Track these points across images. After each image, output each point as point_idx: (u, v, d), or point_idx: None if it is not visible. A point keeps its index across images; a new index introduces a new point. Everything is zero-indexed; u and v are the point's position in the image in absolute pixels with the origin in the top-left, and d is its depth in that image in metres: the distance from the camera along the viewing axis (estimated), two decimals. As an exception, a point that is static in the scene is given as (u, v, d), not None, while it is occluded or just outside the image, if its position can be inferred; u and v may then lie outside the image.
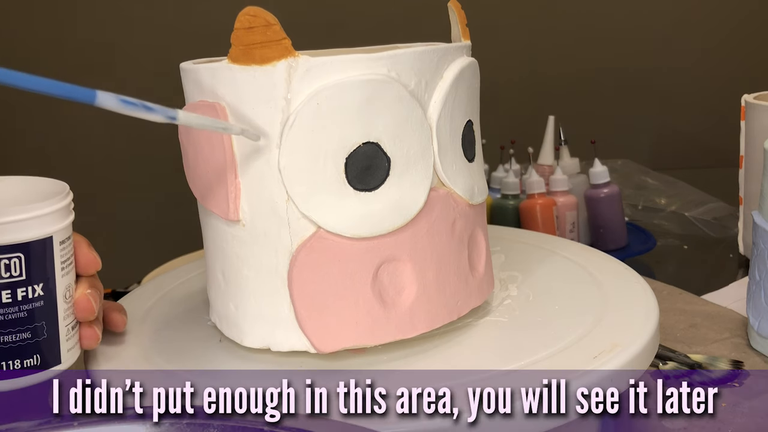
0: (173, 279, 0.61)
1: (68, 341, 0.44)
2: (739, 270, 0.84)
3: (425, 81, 0.44)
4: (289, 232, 0.43)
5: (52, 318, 0.43)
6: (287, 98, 0.41)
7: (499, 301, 0.52)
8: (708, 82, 1.33)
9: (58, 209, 0.43)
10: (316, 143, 0.42)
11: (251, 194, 0.43)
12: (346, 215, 0.42)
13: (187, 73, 0.46)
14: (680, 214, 1.04)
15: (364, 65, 0.41)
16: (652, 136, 1.36)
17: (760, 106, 0.76)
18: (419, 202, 0.44)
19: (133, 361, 0.47)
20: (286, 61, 0.41)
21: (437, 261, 0.45)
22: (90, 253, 0.46)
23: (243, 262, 0.45)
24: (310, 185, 0.42)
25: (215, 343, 0.49)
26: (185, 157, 0.47)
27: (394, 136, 0.43)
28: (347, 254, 0.43)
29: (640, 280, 0.52)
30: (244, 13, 0.41)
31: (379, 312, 0.44)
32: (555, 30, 1.32)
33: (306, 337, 0.44)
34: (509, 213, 0.88)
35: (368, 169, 0.43)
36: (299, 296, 0.43)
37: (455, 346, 0.46)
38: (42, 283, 0.43)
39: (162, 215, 1.29)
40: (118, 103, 0.35)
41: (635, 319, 0.47)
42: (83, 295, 0.45)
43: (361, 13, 1.24)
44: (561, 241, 0.63)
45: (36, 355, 0.43)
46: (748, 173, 0.79)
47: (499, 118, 0.63)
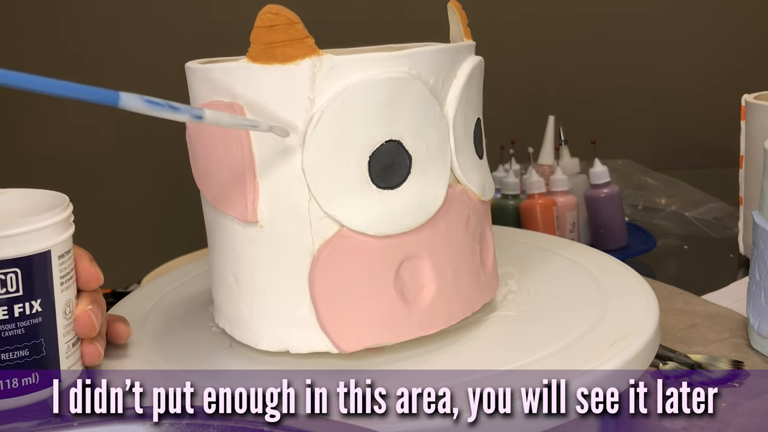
0: (173, 279, 0.61)
1: (69, 358, 0.43)
2: (739, 270, 0.84)
3: (442, 79, 0.44)
4: (310, 232, 0.42)
5: (52, 335, 0.42)
6: (310, 97, 0.41)
7: (502, 296, 0.52)
8: (708, 82, 1.33)
9: (56, 222, 0.42)
10: (341, 142, 0.41)
11: (271, 195, 0.43)
12: (369, 213, 0.42)
13: (196, 73, 0.45)
14: (680, 214, 1.04)
15: (387, 63, 0.42)
16: (652, 136, 1.36)
17: (760, 106, 0.76)
18: (439, 199, 0.44)
19: (134, 363, 0.46)
20: (310, 59, 0.41)
21: (454, 257, 0.46)
22: (92, 268, 0.45)
23: (259, 264, 0.44)
24: (334, 184, 0.42)
25: (224, 348, 0.48)
26: (195, 159, 0.47)
27: (415, 133, 0.43)
28: (370, 253, 0.43)
29: (640, 280, 0.52)
30: (265, 12, 0.40)
31: (401, 309, 0.44)
32: (555, 30, 1.32)
33: (327, 337, 0.43)
34: (509, 213, 0.88)
35: (391, 167, 0.43)
36: (321, 296, 0.43)
37: (472, 340, 0.46)
38: (40, 298, 0.41)
39: (162, 215, 1.29)
40: (142, 103, 0.35)
41: (635, 319, 0.47)
42: (84, 312, 0.43)
43: (352, 13, 1.24)
44: (561, 241, 0.63)
45: (34, 374, 0.42)
46: (748, 173, 0.79)
47: (499, 118, 0.63)
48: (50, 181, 0.54)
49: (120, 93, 0.34)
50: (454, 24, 0.49)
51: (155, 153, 1.20)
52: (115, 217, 1.30)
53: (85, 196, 1.26)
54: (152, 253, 0.90)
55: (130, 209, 1.30)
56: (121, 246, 1.27)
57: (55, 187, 0.47)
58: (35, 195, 0.46)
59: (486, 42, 0.49)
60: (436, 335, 0.46)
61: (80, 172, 1.27)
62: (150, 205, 1.30)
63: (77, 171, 1.26)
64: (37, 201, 0.45)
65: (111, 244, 1.25)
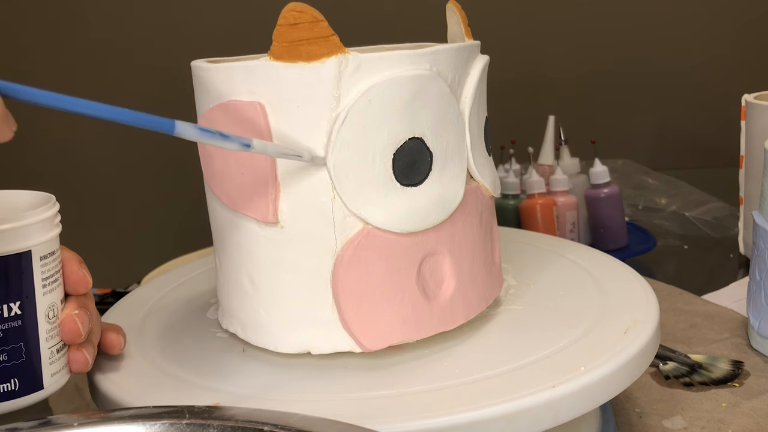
0: (173, 279, 0.60)
1: (53, 365, 0.41)
2: (739, 270, 0.84)
3: (458, 77, 0.45)
4: (333, 231, 0.42)
5: (33, 339, 0.40)
6: (336, 95, 0.41)
7: (504, 291, 0.53)
8: (708, 82, 1.33)
9: (37, 222, 0.40)
10: (366, 140, 0.41)
11: (292, 195, 0.42)
12: (394, 211, 0.43)
13: (208, 72, 0.44)
14: (680, 214, 1.04)
15: (410, 61, 0.42)
16: (652, 136, 1.36)
17: (760, 106, 0.76)
18: (459, 195, 0.45)
19: (135, 364, 0.46)
20: (336, 57, 0.40)
21: (471, 252, 0.46)
22: (80, 271, 0.43)
23: (279, 266, 0.44)
24: (359, 182, 0.42)
25: (238, 353, 0.47)
26: (209, 160, 0.46)
27: (436, 130, 0.43)
28: (394, 250, 0.43)
29: (640, 280, 0.52)
30: (288, 9, 0.40)
31: (423, 306, 0.44)
32: (555, 30, 1.32)
33: (351, 336, 0.43)
34: (509, 213, 0.88)
35: (413, 164, 0.43)
36: (344, 295, 0.43)
37: (490, 334, 0.47)
38: (19, 301, 0.39)
39: (162, 215, 1.29)
40: (195, 132, 0.36)
41: (640, 311, 0.47)
42: (69, 316, 0.42)
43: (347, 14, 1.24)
44: (560, 241, 0.63)
45: (13, 380, 0.40)
46: (748, 173, 0.79)
47: (499, 118, 0.62)
48: (50, 181, 0.54)
49: (175, 122, 0.35)
50: (453, 24, 0.49)
51: (155, 153, 1.20)
52: (115, 217, 1.30)
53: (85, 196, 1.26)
54: (152, 253, 0.90)
55: (131, 209, 1.30)
56: (121, 246, 1.27)
57: (55, 187, 0.47)
58: (20, 195, 0.45)
59: (486, 42, 0.49)
60: (453, 331, 0.46)
61: (80, 172, 1.27)
62: (150, 205, 1.30)
63: (77, 171, 1.27)
64: (19, 201, 0.44)
65: (111, 244, 1.25)
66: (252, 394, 0.41)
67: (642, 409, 0.53)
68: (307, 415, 0.34)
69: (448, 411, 0.38)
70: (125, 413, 0.35)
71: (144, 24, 1.27)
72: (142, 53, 1.25)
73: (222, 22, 1.26)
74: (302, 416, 0.33)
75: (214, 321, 0.52)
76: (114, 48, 1.25)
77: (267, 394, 0.41)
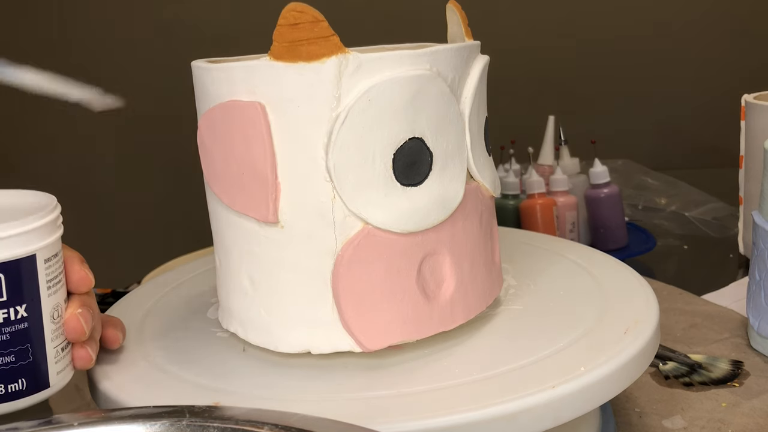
0: (173, 279, 0.60)
1: (58, 363, 0.42)
2: (739, 270, 0.84)
3: (458, 77, 0.45)
4: (334, 231, 0.42)
5: (39, 340, 0.41)
6: (336, 95, 0.41)
7: (503, 291, 0.53)
8: (708, 82, 1.33)
9: (42, 225, 0.40)
10: (367, 140, 0.42)
11: (293, 194, 0.43)
12: (394, 211, 0.43)
13: (209, 72, 0.44)
14: (680, 214, 1.04)
15: (410, 61, 0.42)
16: (652, 136, 1.36)
17: (760, 106, 0.76)
18: (459, 195, 0.45)
19: (136, 364, 0.46)
20: (336, 57, 0.40)
21: (471, 252, 0.46)
22: (82, 270, 0.43)
23: (279, 265, 0.44)
24: (359, 182, 0.42)
25: (238, 353, 0.47)
26: (209, 160, 0.46)
27: (435, 130, 0.43)
28: (394, 250, 0.43)
29: (640, 280, 0.52)
30: (289, 9, 0.40)
31: (423, 306, 0.44)
32: (555, 30, 1.32)
33: (351, 336, 0.43)
34: (509, 213, 0.88)
35: (413, 164, 0.43)
36: (345, 295, 0.43)
37: (490, 334, 0.47)
38: (25, 303, 0.40)
39: (162, 215, 1.29)
40: None
41: (640, 311, 0.47)
42: (73, 315, 0.42)
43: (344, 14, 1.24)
44: (560, 241, 0.63)
45: (21, 380, 0.41)
46: (748, 173, 0.79)
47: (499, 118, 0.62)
48: (50, 181, 0.54)
49: None
50: (453, 24, 0.50)
51: (156, 153, 1.20)
52: (115, 217, 1.30)
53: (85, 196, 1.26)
54: (152, 253, 0.90)
55: (131, 209, 1.30)
56: (121, 246, 1.27)
57: (56, 187, 0.47)
58: (21, 196, 0.45)
59: (486, 42, 0.49)
60: (453, 331, 0.46)
61: (81, 172, 1.27)
62: (150, 205, 1.30)
63: (78, 171, 1.27)
64: (20, 202, 0.44)
65: (111, 244, 1.25)
66: (252, 394, 0.41)
67: (642, 409, 0.53)
68: (307, 415, 0.34)
69: (448, 411, 0.38)
70: (125, 413, 0.35)
71: (144, 24, 1.27)
72: (142, 53, 1.25)
73: (222, 22, 1.27)
74: (302, 416, 0.33)
75: (214, 321, 0.52)
76: (114, 48, 1.25)
77: (267, 394, 0.41)
